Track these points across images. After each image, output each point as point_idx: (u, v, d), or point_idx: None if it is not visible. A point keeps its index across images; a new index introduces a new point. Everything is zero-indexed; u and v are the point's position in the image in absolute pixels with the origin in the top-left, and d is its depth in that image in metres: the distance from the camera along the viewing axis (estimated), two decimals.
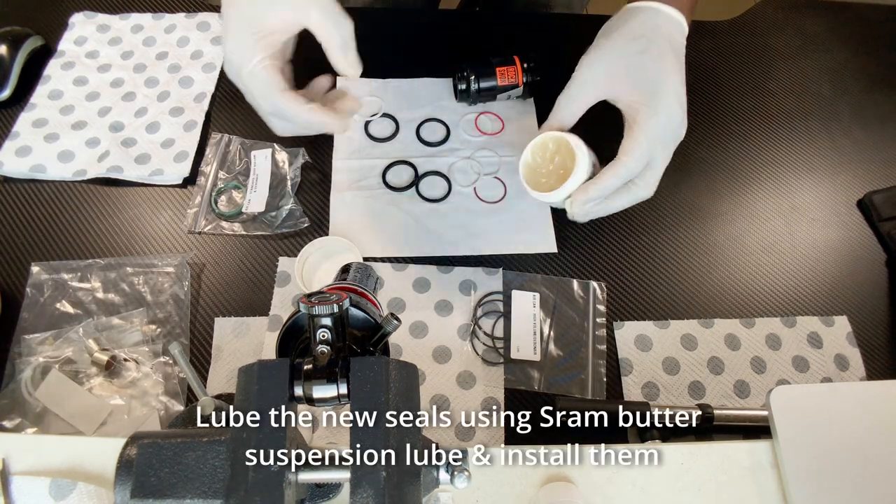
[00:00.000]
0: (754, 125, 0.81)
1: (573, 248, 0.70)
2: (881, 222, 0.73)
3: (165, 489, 0.31)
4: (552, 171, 0.67)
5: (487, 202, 0.73)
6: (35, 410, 0.57)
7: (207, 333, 0.63)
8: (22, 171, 0.70)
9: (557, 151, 0.68)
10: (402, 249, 0.69)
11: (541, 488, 0.44)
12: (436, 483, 0.33)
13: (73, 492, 0.42)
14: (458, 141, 0.76)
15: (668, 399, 0.62)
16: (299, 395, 0.32)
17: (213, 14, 0.84)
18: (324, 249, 0.67)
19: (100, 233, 0.68)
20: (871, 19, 0.92)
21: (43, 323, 0.62)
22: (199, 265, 0.67)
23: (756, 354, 0.65)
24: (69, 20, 0.82)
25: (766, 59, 0.87)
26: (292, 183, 0.71)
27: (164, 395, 0.59)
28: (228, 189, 0.72)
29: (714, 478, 0.46)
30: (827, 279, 0.70)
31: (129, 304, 0.64)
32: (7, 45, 0.75)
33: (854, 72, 0.87)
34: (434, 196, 0.73)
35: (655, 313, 0.67)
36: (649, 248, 0.71)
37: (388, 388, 0.31)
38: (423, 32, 0.85)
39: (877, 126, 0.82)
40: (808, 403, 0.48)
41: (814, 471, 0.45)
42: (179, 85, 0.78)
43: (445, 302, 0.66)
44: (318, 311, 0.33)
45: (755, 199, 0.76)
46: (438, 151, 0.75)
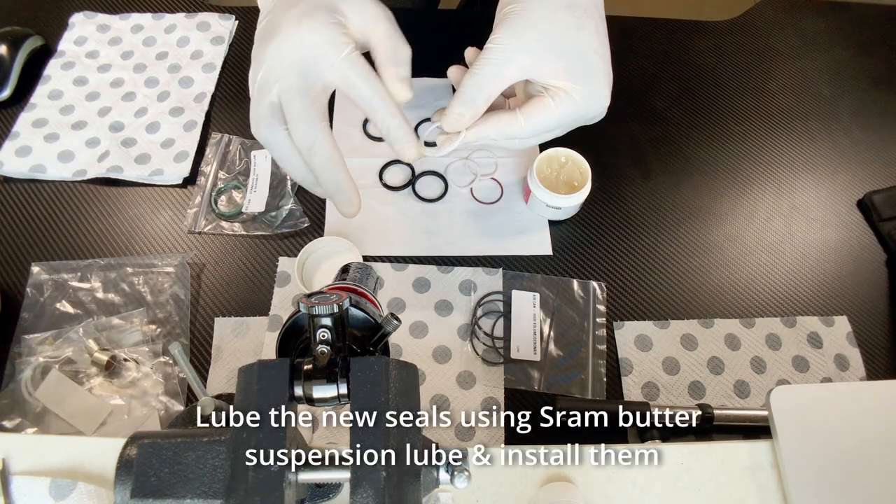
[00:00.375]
0: (754, 125, 0.81)
1: (573, 248, 0.70)
2: (881, 222, 0.73)
3: (165, 489, 0.31)
4: (561, 181, 0.68)
5: (484, 203, 0.73)
6: (35, 410, 0.57)
7: (207, 333, 0.63)
8: (22, 171, 0.70)
9: (565, 165, 0.69)
10: (396, 249, 0.69)
11: (541, 488, 0.44)
12: (436, 483, 0.33)
13: (73, 492, 0.42)
14: None
15: (668, 399, 0.62)
16: (299, 395, 0.32)
17: (213, 14, 0.84)
18: (324, 249, 0.67)
19: (100, 233, 0.68)
20: (871, 19, 0.92)
21: (43, 323, 0.62)
22: (199, 265, 0.67)
23: (756, 354, 0.65)
24: (69, 20, 0.82)
25: (766, 59, 0.87)
26: (292, 183, 0.71)
27: (164, 395, 0.59)
28: (228, 189, 0.72)
29: (714, 478, 0.46)
30: (827, 279, 0.70)
31: (129, 304, 0.64)
32: (7, 45, 0.75)
33: (854, 72, 0.87)
34: (430, 196, 0.73)
35: (655, 313, 0.67)
36: (649, 248, 0.71)
37: (388, 388, 0.31)
38: (422, 32, 0.85)
39: (877, 126, 0.82)
40: (808, 403, 0.48)
41: (814, 471, 0.45)
42: (179, 85, 0.78)
43: (445, 302, 0.66)
44: (318, 311, 0.33)
45: (755, 199, 0.76)
46: (435, 152, 0.75)
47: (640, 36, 0.88)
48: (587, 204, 0.71)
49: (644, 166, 0.77)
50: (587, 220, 0.73)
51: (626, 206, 0.74)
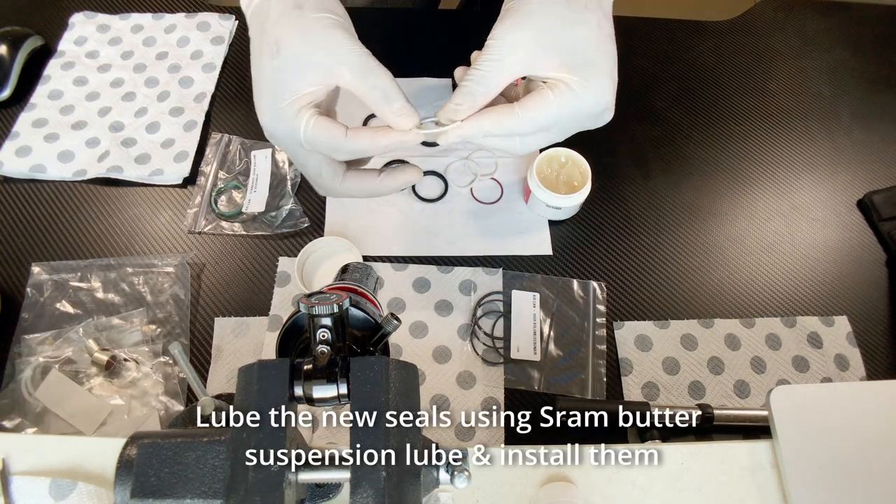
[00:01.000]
0: (754, 125, 0.81)
1: (573, 248, 0.70)
2: (881, 222, 0.73)
3: (165, 489, 0.31)
4: (561, 182, 0.68)
5: (484, 203, 0.73)
6: (35, 410, 0.57)
7: (207, 333, 0.63)
8: (22, 171, 0.70)
9: (565, 165, 0.69)
10: (396, 249, 0.69)
11: (541, 488, 0.44)
12: (436, 483, 0.33)
13: (73, 492, 0.42)
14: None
15: (668, 399, 0.62)
16: (299, 395, 0.32)
17: (213, 14, 0.84)
18: (324, 249, 0.67)
19: (100, 233, 0.68)
20: (871, 19, 0.92)
21: (43, 323, 0.62)
22: (199, 265, 0.67)
23: (756, 354, 0.65)
24: (69, 20, 0.82)
25: (766, 59, 0.87)
26: (292, 183, 0.71)
27: (164, 395, 0.59)
28: (228, 189, 0.72)
29: (714, 478, 0.46)
30: (827, 279, 0.70)
31: (129, 304, 0.64)
32: (7, 45, 0.75)
33: (854, 72, 0.87)
34: (430, 196, 0.73)
35: (655, 313, 0.67)
36: (649, 248, 0.71)
37: (388, 388, 0.31)
38: (423, 32, 0.85)
39: (877, 126, 0.82)
40: (808, 403, 0.48)
41: (814, 471, 0.45)
42: (179, 85, 0.78)
43: (445, 302, 0.66)
44: (318, 311, 0.33)
45: (755, 199, 0.76)
46: (435, 152, 0.75)
47: (641, 36, 0.88)
48: (587, 204, 0.71)
49: (644, 166, 0.77)
50: (587, 220, 0.73)
51: (626, 206, 0.74)
